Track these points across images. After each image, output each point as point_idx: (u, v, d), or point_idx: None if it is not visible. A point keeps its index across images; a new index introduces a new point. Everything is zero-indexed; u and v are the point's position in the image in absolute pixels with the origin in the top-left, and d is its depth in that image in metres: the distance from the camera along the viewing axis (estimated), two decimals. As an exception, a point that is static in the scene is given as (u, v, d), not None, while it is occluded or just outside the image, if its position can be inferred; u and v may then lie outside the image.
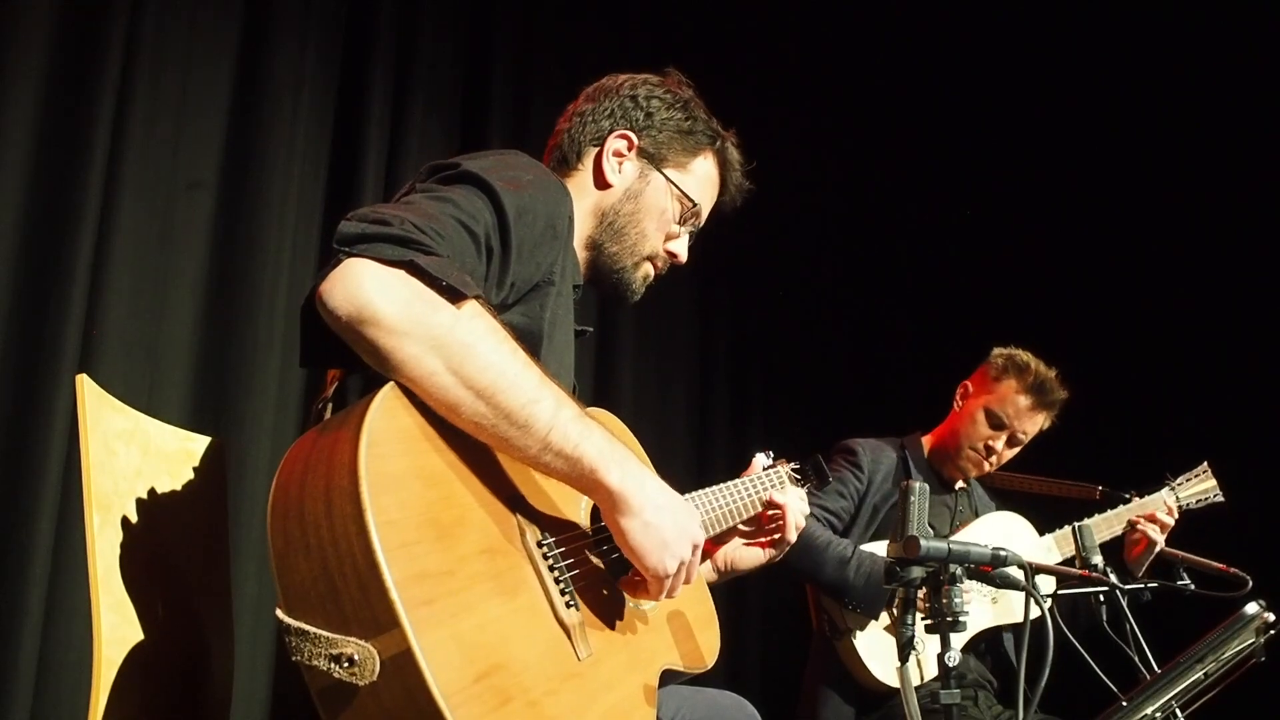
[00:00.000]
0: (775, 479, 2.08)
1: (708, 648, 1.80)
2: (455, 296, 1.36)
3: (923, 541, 1.65)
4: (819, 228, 5.10)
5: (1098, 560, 2.30)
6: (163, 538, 1.65)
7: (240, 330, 3.04)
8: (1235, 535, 3.21)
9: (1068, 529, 3.16)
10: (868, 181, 5.16)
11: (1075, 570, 2.33)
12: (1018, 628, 3.12)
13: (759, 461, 2.10)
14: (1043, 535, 3.20)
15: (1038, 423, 3.22)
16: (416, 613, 1.19)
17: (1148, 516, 3.13)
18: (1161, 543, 3.11)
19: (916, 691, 1.71)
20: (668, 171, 1.91)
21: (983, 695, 3.06)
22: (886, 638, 2.94)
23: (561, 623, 1.43)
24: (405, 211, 1.40)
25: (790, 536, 2.02)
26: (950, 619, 1.66)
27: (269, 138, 3.16)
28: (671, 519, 1.51)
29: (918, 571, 1.68)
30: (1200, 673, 1.81)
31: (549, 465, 1.43)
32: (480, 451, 1.42)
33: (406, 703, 1.18)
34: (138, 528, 1.58)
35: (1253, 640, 1.86)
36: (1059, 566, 2.70)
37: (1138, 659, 2.21)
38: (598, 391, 4.09)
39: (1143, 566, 3.15)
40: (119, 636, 1.50)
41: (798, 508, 2.03)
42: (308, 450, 1.29)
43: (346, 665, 1.18)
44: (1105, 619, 2.29)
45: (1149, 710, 1.79)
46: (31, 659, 2.52)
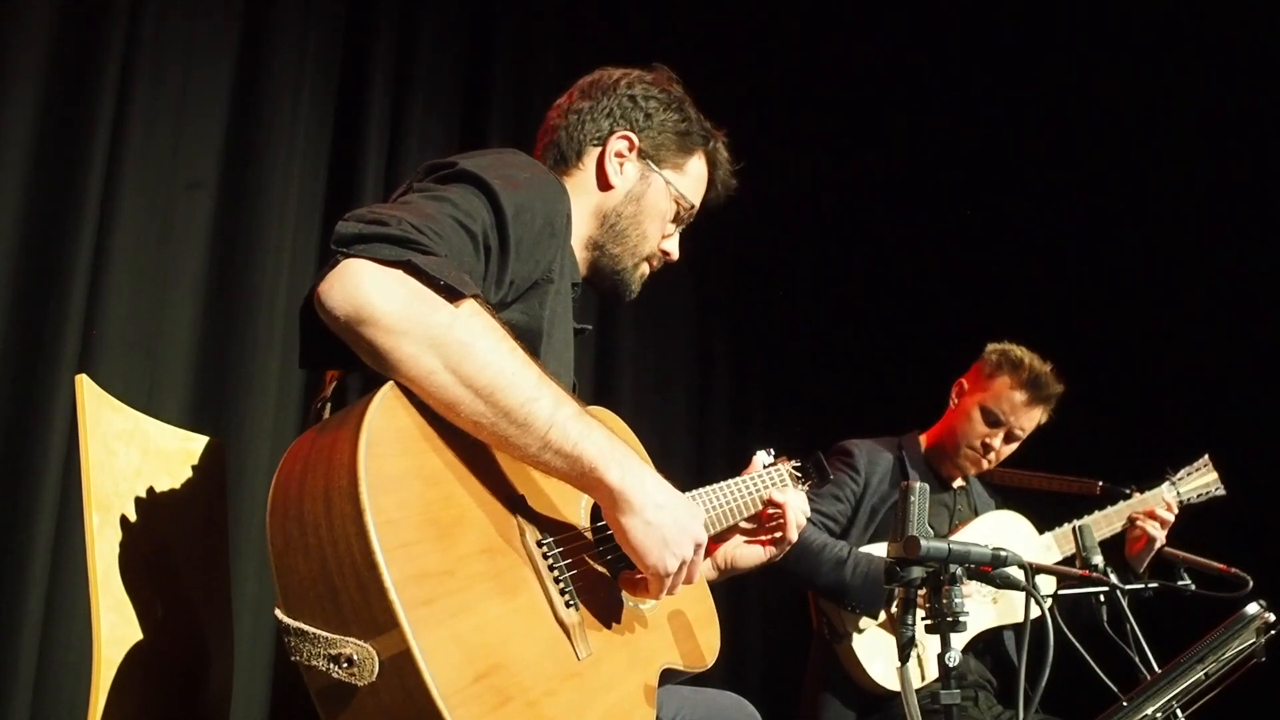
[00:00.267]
0: (776, 477, 2.08)
1: (708, 646, 1.80)
2: (453, 295, 1.36)
3: (923, 541, 1.65)
4: (818, 227, 5.10)
5: (1098, 560, 2.30)
6: (162, 538, 1.65)
7: (240, 330, 3.04)
8: (1235, 535, 3.20)
9: (1067, 527, 3.16)
10: (866, 180, 5.16)
11: (1076, 570, 2.32)
12: (1018, 628, 3.12)
13: (759, 460, 2.10)
14: (1042, 534, 3.19)
15: (1034, 418, 3.20)
16: (416, 613, 1.19)
17: (1147, 513, 3.12)
18: (1162, 539, 3.10)
19: (917, 693, 1.71)
20: (666, 173, 1.92)
21: (983, 695, 3.06)
22: (886, 640, 2.93)
23: (561, 622, 1.43)
24: (402, 211, 1.40)
25: (792, 535, 2.02)
26: (950, 619, 1.66)
27: (269, 138, 3.16)
28: (672, 517, 1.51)
29: (918, 571, 1.68)
30: (1201, 673, 1.81)
31: (549, 464, 1.43)
32: (480, 451, 1.42)
33: (405, 703, 1.18)
34: (137, 528, 1.58)
35: (1253, 640, 1.86)
36: (1059, 566, 2.70)
37: (1138, 659, 2.21)
38: (598, 391, 4.09)
39: (1143, 563, 3.14)
40: (119, 636, 1.49)
41: (799, 506, 2.02)
42: (307, 450, 1.29)
43: (345, 665, 1.18)
44: (1105, 619, 2.29)
45: (1149, 710, 1.78)
46: (31, 659, 2.52)
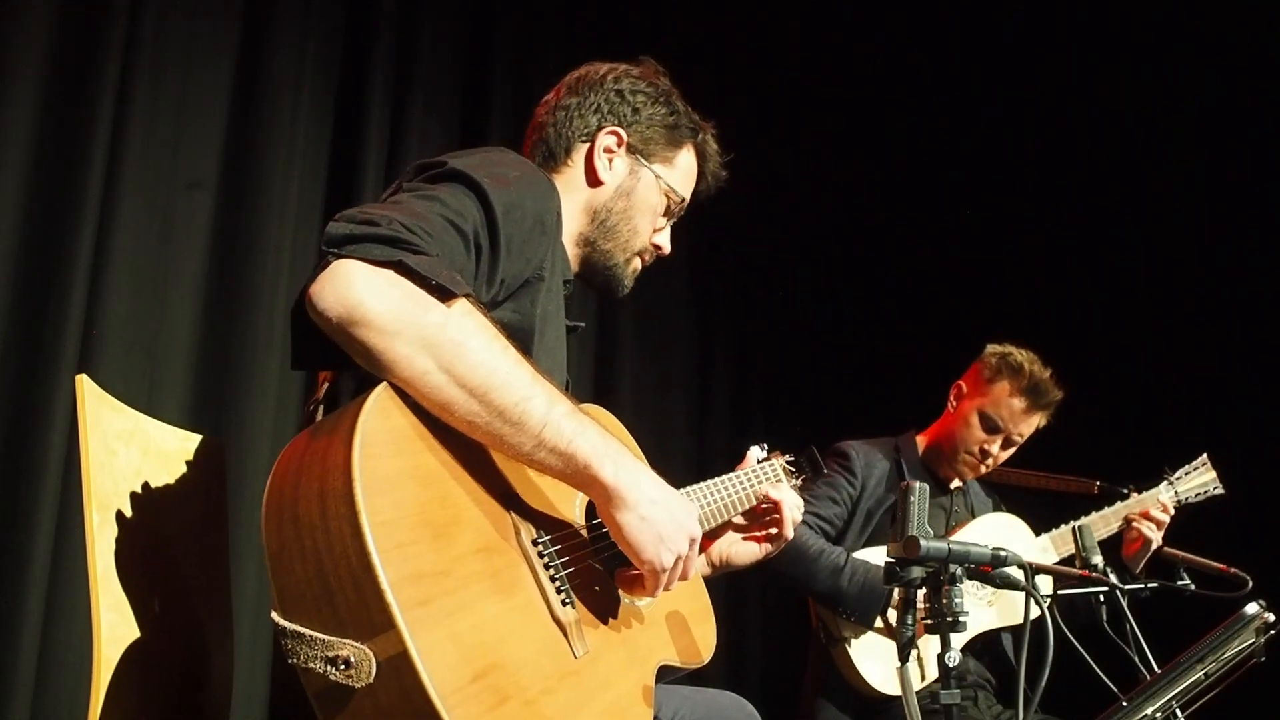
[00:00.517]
0: (770, 472, 2.08)
1: (704, 643, 1.80)
2: (445, 295, 1.36)
3: (923, 541, 1.65)
4: (819, 226, 5.10)
5: (1098, 560, 2.30)
6: (163, 537, 1.65)
7: (240, 330, 3.04)
8: (1235, 535, 3.20)
9: (1064, 528, 3.15)
10: (867, 180, 5.16)
11: (1075, 570, 2.32)
12: (1016, 628, 3.12)
13: (754, 455, 2.10)
14: (1039, 536, 3.18)
15: (1033, 424, 3.18)
16: (412, 614, 1.19)
17: (1142, 514, 3.11)
18: (1158, 541, 3.09)
19: (917, 694, 1.71)
20: (655, 167, 1.92)
21: (982, 695, 3.06)
22: (883, 645, 2.93)
23: (558, 621, 1.43)
24: (393, 211, 1.40)
25: (788, 532, 2.02)
26: (950, 619, 1.66)
27: (269, 138, 3.16)
28: (667, 513, 1.51)
29: (918, 572, 1.68)
30: (1200, 673, 1.81)
31: (543, 462, 1.43)
32: (474, 450, 1.42)
33: (403, 703, 1.18)
34: (138, 528, 1.58)
35: (1253, 640, 1.86)
36: (1059, 566, 2.70)
37: (1138, 659, 2.20)
38: (598, 391, 4.08)
39: (1140, 563, 3.13)
40: (119, 636, 1.50)
41: (794, 503, 2.02)
42: (301, 452, 1.29)
43: (343, 667, 1.17)
44: (1105, 619, 2.29)
45: (1149, 710, 1.78)
46: (31, 659, 2.52)
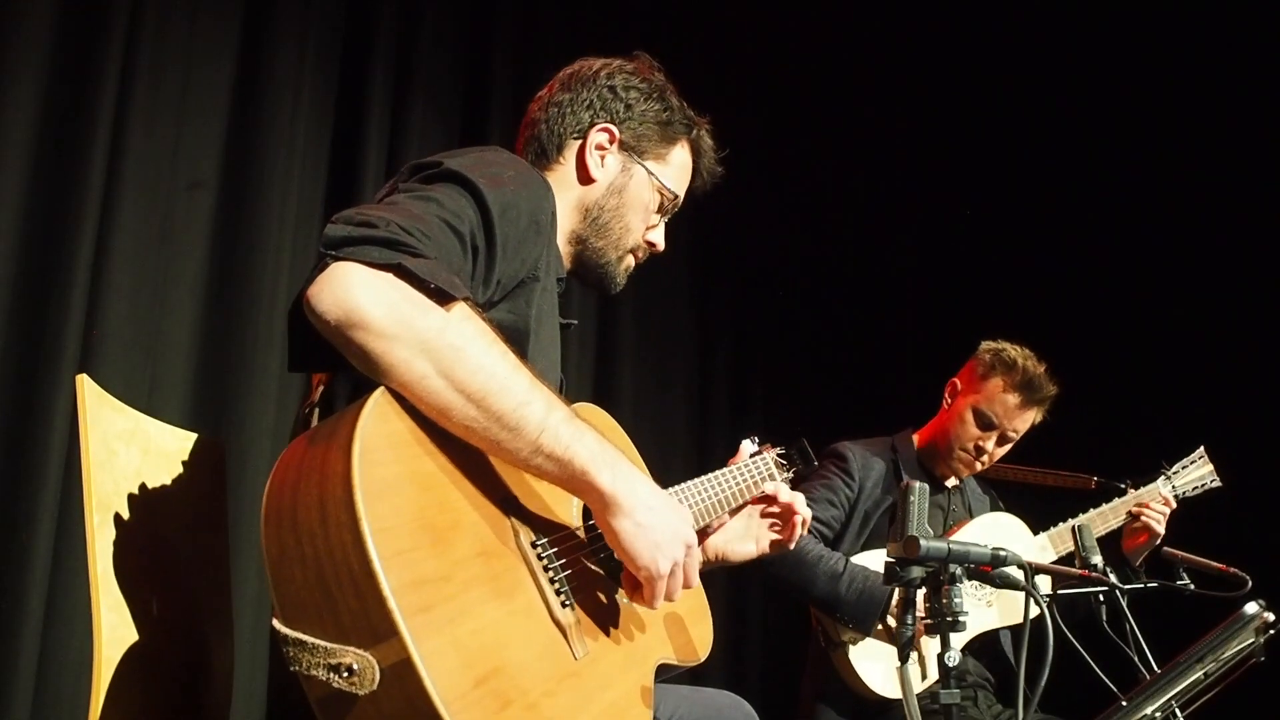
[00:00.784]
0: (762, 466, 2.07)
1: (700, 640, 1.79)
2: (444, 299, 1.35)
3: (923, 541, 1.65)
4: (819, 225, 5.10)
5: (1097, 560, 2.30)
6: (163, 538, 1.65)
7: (240, 330, 3.04)
8: (1235, 535, 3.20)
9: (1062, 526, 3.15)
10: (866, 178, 5.17)
11: (1075, 570, 2.32)
12: (1016, 627, 3.12)
13: (745, 449, 2.10)
14: (1037, 534, 3.17)
15: (1028, 420, 3.17)
16: (414, 620, 1.18)
17: (1143, 505, 3.10)
18: (1162, 532, 3.08)
19: (918, 695, 1.71)
20: (648, 163, 1.91)
21: (982, 695, 3.06)
22: (883, 648, 2.92)
23: (558, 623, 1.43)
24: (390, 213, 1.39)
25: (791, 544, 2.02)
26: (950, 619, 1.66)
27: (269, 138, 3.16)
28: (663, 520, 1.50)
29: (918, 572, 1.68)
30: (1200, 673, 1.81)
31: (540, 468, 1.42)
32: (472, 455, 1.42)
33: (407, 710, 1.17)
34: (138, 528, 1.58)
35: (1252, 640, 1.86)
36: (1059, 566, 2.69)
37: (1138, 659, 2.20)
38: (598, 391, 4.08)
39: (1142, 556, 3.13)
40: (119, 636, 1.50)
41: (803, 511, 2.02)
42: (299, 458, 1.28)
43: (346, 675, 1.17)
44: (1105, 619, 2.29)
45: (1149, 710, 1.78)
46: (31, 659, 2.52)
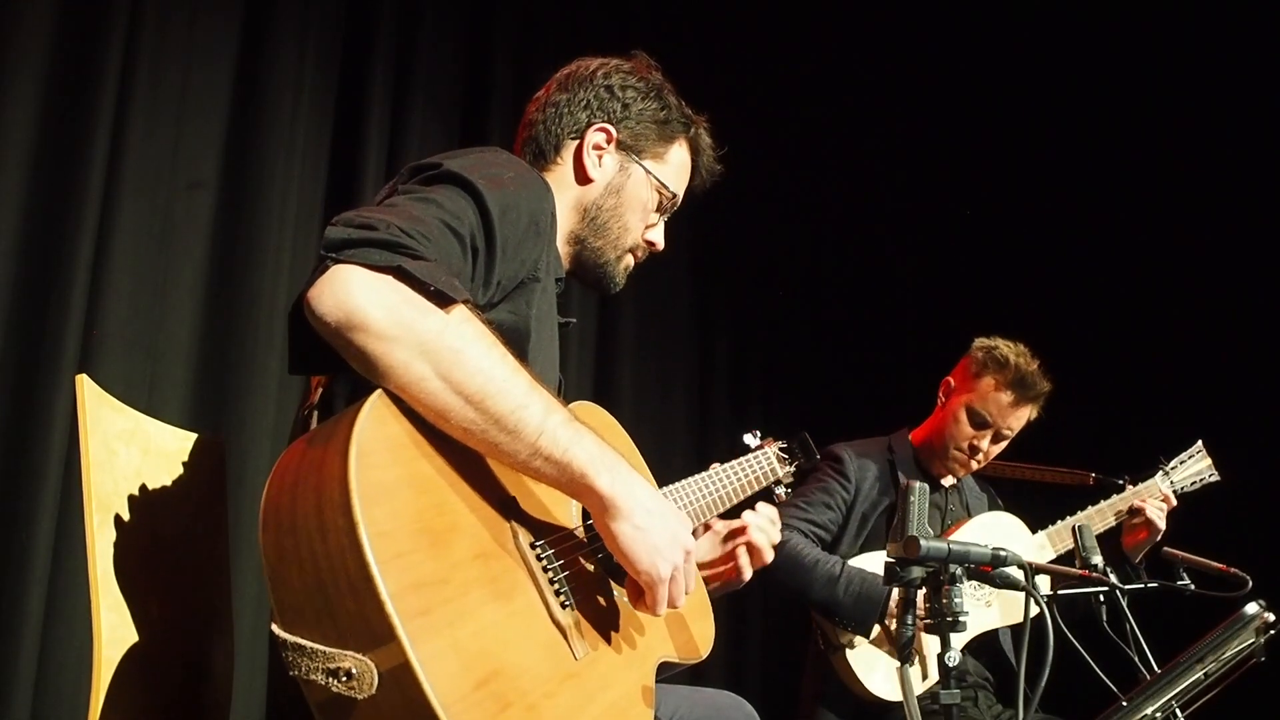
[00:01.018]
0: (764, 461, 2.07)
1: (702, 638, 1.78)
2: (444, 301, 1.35)
3: (923, 542, 1.65)
4: (818, 224, 5.10)
5: (1098, 560, 2.29)
6: (163, 538, 1.65)
7: (240, 330, 3.04)
8: (1235, 535, 3.19)
9: (1060, 525, 3.15)
10: (864, 176, 5.16)
11: (1075, 570, 2.32)
12: (1015, 627, 3.12)
13: (748, 443, 2.09)
14: (1035, 533, 3.16)
15: (1022, 417, 3.15)
16: (413, 624, 1.18)
17: (1142, 502, 3.09)
18: (1163, 526, 3.07)
19: (918, 697, 1.71)
20: (646, 163, 1.91)
21: (982, 695, 3.06)
22: (881, 651, 2.93)
23: (557, 623, 1.43)
24: (390, 215, 1.39)
25: (745, 576, 1.94)
26: (950, 619, 1.66)
27: (269, 138, 3.16)
28: (662, 523, 1.50)
29: (918, 572, 1.68)
30: (1200, 673, 1.81)
31: (539, 470, 1.42)
32: (470, 457, 1.41)
33: (406, 714, 1.17)
34: (138, 528, 1.58)
35: (1253, 640, 1.86)
36: (1059, 566, 2.69)
37: (1138, 659, 2.20)
38: (598, 391, 4.08)
39: (1142, 553, 3.12)
40: (119, 636, 1.50)
41: (760, 539, 1.94)
42: (297, 462, 1.28)
43: (344, 679, 1.17)
44: (1105, 619, 2.29)
45: (1149, 710, 1.78)
46: (31, 659, 2.52)
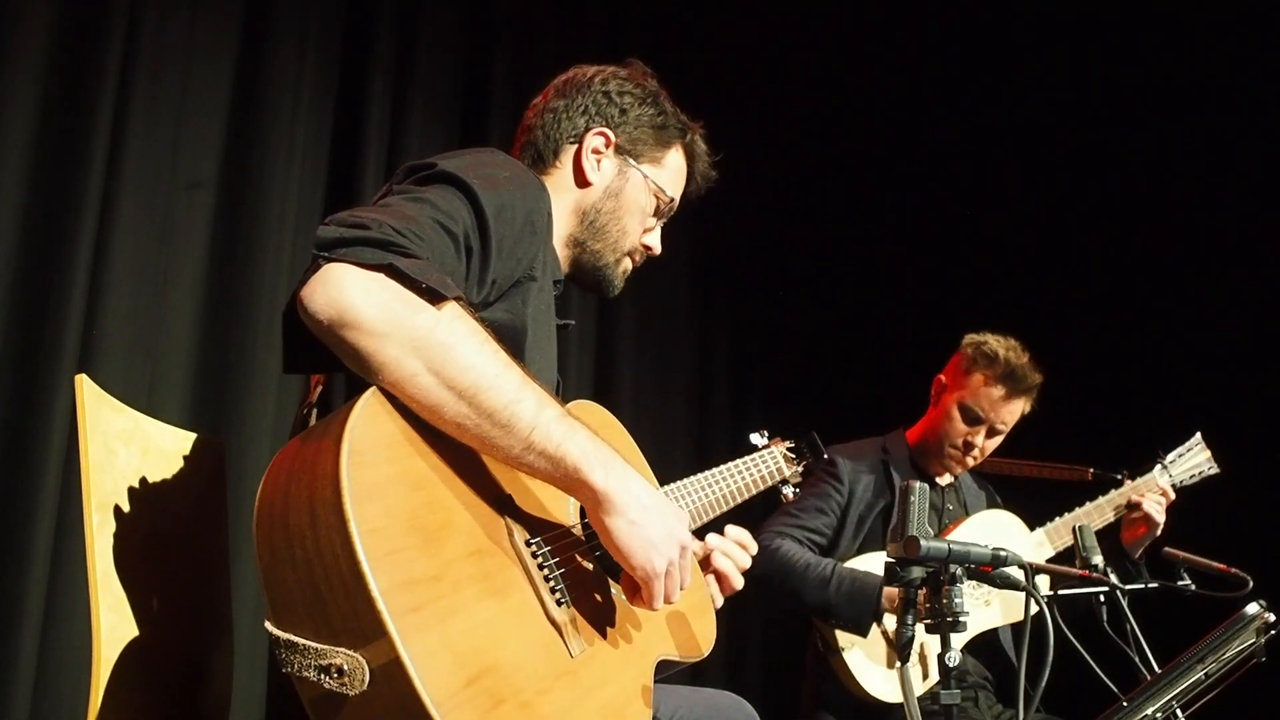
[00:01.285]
0: (770, 461, 2.06)
1: (703, 636, 1.77)
2: (436, 298, 1.36)
3: (923, 542, 1.65)
4: (818, 224, 5.10)
5: (1098, 560, 2.30)
6: (162, 538, 1.65)
7: (240, 330, 3.04)
8: (1235, 535, 3.19)
9: (1059, 521, 3.14)
10: (864, 177, 5.17)
11: (1075, 570, 2.32)
12: (1015, 626, 3.12)
13: (755, 443, 2.09)
14: (1033, 530, 3.16)
15: (1016, 411, 3.14)
16: (404, 620, 1.18)
17: (1140, 496, 3.08)
18: (1162, 520, 3.06)
19: (919, 697, 1.71)
20: (644, 167, 1.93)
21: (983, 695, 3.06)
22: (881, 652, 2.93)
23: (553, 620, 1.43)
24: (383, 214, 1.40)
25: (716, 602, 1.88)
26: (950, 619, 1.66)
27: (269, 138, 3.16)
28: (658, 518, 1.50)
29: (918, 572, 1.68)
30: (1201, 673, 1.81)
31: (532, 465, 1.42)
32: (464, 454, 1.42)
33: (398, 711, 1.17)
34: (137, 528, 1.58)
35: (1253, 640, 1.86)
36: (1059, 566, 2.69)
37: (1138, 659, 2.20)
38: (598, 391, 4.08)
39: (1142, 548, 3.11)
40: (118, 636, 1.50)
41: (725, 566, 1.87)
42: (291, 460, 1.28)
43: (336, 676, 1.17)
44: (1105, 619, 2.29)
45: (1149, 710, 1.78)
46: (31, 659, 2.52)
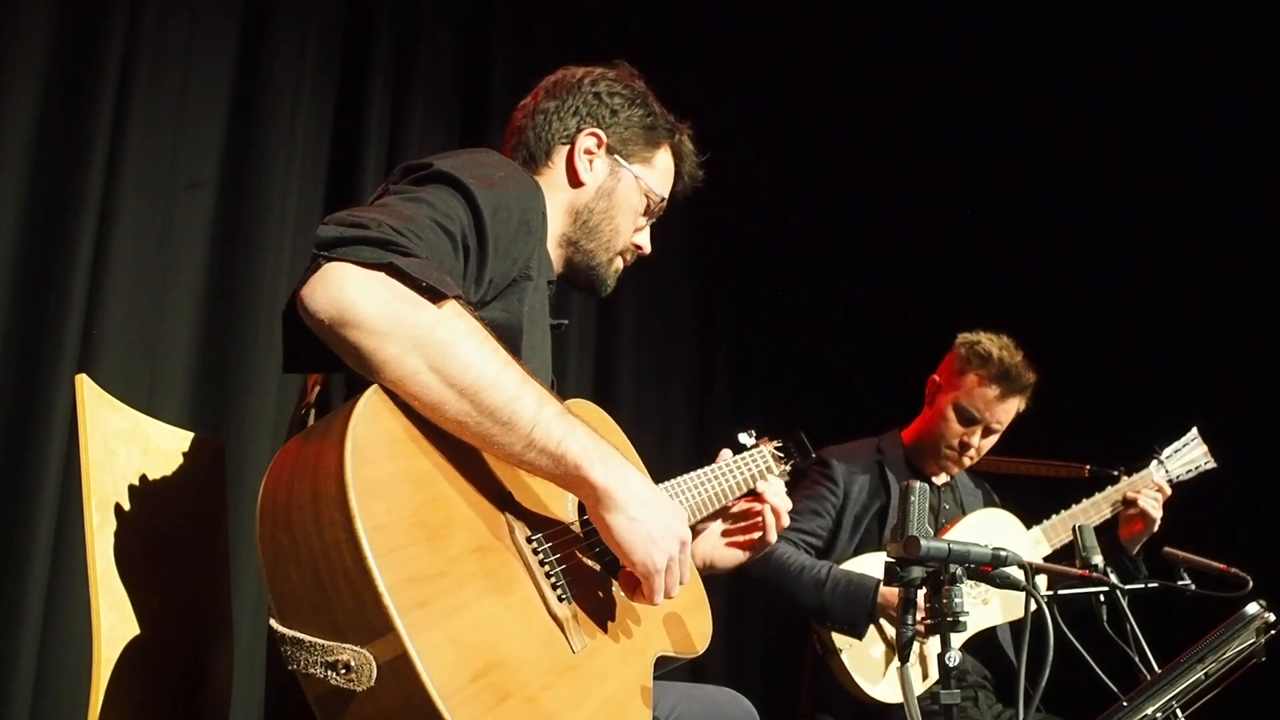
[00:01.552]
0: (759, 460, 2.07)
1: (698, 633, 1.79)
2: (436, 297, 1.36)
3: (923, 541, 1.65)
4: (817, 224, 5.10)
5: (1098, 560, 2.30)
6: (163, 538, 1.65)
7: (240, 330, 3.04)
8: (1235, 535, 3.19)
9: (1055, 519, 3.14)
10: (863, 177, 5.16)
11: (1075, 570, 2.32)
12: (1015, 625, 3.12)
13: (743, 442, 2.10)
14: (1030, 528, 3.15)
15: (1010, 410, 3.13)
16: (410, 616, 1.19)
17: (1136, 493, 3.08)
18: (1159, 515, 3.06)
19: (919, 697, 1.71)
20: (635, 167, 1.95)
21: (983, 695, 3.06)
22: (879, 654, 2.93)
23: (555, 616, 1.44)
24: (381, 214, 1.41)
25: (771, 537, 2.00)
26: (950, 619, 1.66)
27: (269, 137, 3.16)
28: (657, 514, 1.51)
29: (918, 572, 1.68)
30: (1201, 673, 1.81)
31: (533, 463, 1.43)
32: (466, 451, 1.42)
33: (405, 706, 1.18)
34: (137, 528, 1.58)
35: (1253, 640, 1.86)
36: (1059, 566, 2.69)
37: (1138, 659, 2.20)
38: (598, 391, 4.08)
39: (1139, 544, 3.11)
40: (118, 636, 1.50)
41: (779, 504, 2.00)
42: (293, 459, 1.29)
43: (343, 672, 1.18)
44: (1105, 619, 2.29)
45: (1149, 710, 1.79)
46: (31, 659, 2.52)
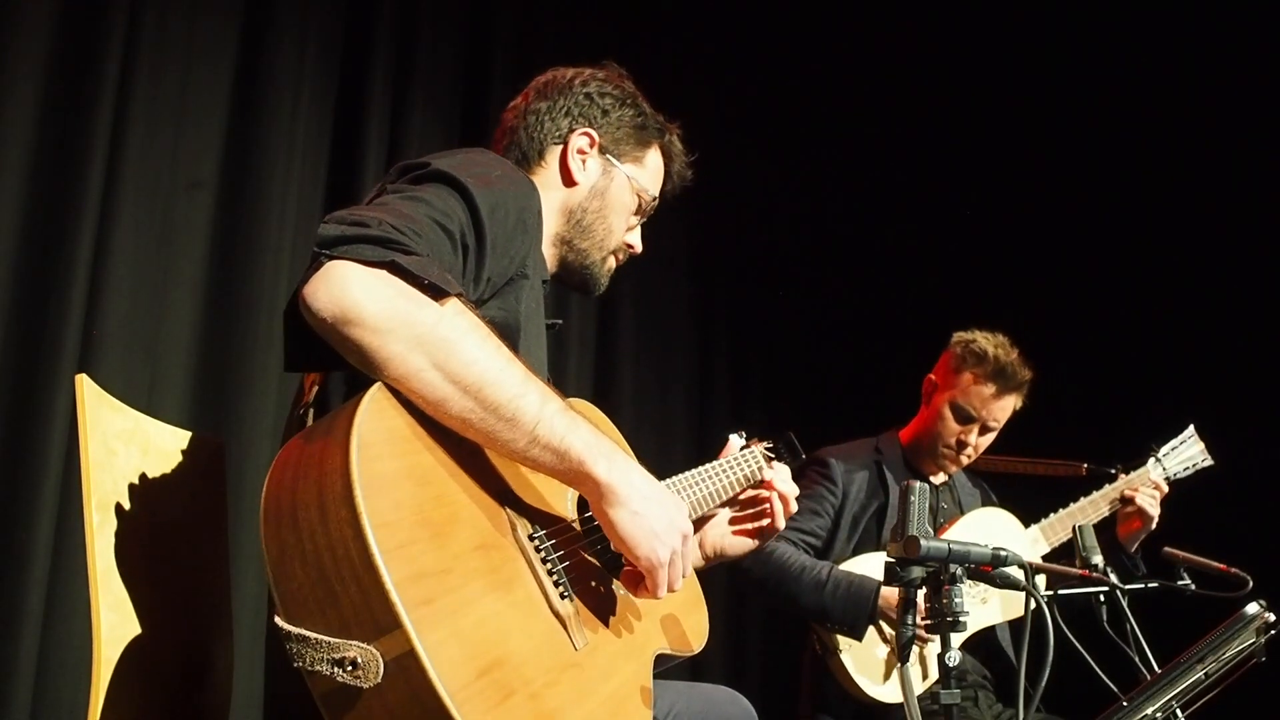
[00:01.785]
0: (752, 460, 2.08)
1: (694, 631, 1.80)
2: (437, 294, 1.37)
3: (923, 541, 1.65)
4: (817, 224, 5.10)
5: (1098, 560, 2.30)
6: (163, 537, 1.65)
7: (240, 330, 3.04)
8: (1236, 535, 3.19)
9: (1053, 518, 3.15)
10: (863, 177, 5.17)
11: (1075, 570, 2.32)
12: (1014, 624, 3.12)
13: (734, 443, 2.11)
14: (1028, 527, 3.15)
15: (1007, 408, 3.14)
16: (417, 613, 1.19)
17: (1133, 490, 3.08)
18: (1158, 513, 3.07)
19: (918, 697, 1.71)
20: (626, 167, 1.96)
21: (983, 695, 3.06)
22: (878, 654, 2.94)
23: (557, 614, 1.44)
24: (381, 213, 1.42)
25: (779, 524, 2.03)
26: (950, 619, 1.66)
27: (269, 137, 3.16)
28: (659, 509, 1.52)
29: (918, 572, 1.68)
30: (1201, 673, 1.81)
31: (537, 459, 1.44)
32: (468, 449, 1.43)
33: (411, 703, 1.18)
34: (137, 527, 1.58)
35: (1253, 640, 1.86)
36: (1059, 566, 2.69)
37: (1138, 659, 2.20)
38: (597, 391, 4.08)
39: (1137, 542, 3.11)
40: (118, 636, 1.50)
41: (786, 490, 2.02)
42: (296, 457, 1.29)
43: (350, 669, 1.18)
44: (1105, 619, 2.29)
45: (1149, 710, 1.79)
46: (31, 659, 2.52)
